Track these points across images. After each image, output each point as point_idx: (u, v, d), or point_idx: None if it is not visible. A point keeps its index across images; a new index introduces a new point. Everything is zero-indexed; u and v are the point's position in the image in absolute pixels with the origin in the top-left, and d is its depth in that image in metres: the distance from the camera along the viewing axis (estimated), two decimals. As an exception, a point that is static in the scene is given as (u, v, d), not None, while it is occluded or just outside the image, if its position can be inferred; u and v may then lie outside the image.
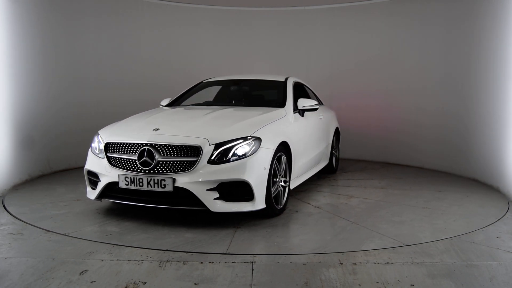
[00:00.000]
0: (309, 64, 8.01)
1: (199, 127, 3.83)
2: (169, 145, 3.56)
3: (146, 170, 3.55)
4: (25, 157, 5.46)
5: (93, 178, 3.96)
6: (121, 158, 3.71)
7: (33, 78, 5.70)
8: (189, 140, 3.55)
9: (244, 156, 3.56)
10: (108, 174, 3.74)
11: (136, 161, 3.60)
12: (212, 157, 3.51)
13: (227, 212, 3.59)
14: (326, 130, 5.89)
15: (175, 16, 7.74)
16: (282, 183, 4.10)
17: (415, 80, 7.04)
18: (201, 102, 5.29)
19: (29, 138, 5.55)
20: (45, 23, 6.00)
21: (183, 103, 5.30)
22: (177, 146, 3.54)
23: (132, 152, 3.65)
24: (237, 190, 3.54)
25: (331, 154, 6.20)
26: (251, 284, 2.56)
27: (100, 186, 3.80)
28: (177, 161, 3.52)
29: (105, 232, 3.53)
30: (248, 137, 3.65)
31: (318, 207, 4.38)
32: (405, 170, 6.73)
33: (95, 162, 3.91)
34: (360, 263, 2.89)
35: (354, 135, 7.57)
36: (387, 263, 2.90)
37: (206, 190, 3.46)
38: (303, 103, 4.77)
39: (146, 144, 3.59)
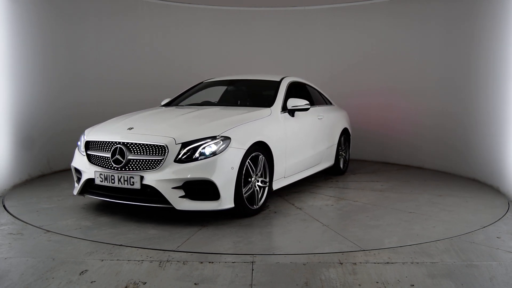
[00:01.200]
0: (309, 64, 8.00)
1: (171, 126, 3.93)
2: (139, 144, 3.69)
3: (118, 167, 3.69)
4: (25, 157, 5.46)
5: (78, 174, 4.12)
6: (97, 155, 3.89)
7: (33, 78, 5.70)
8: (156, 139, 3.66)
9: (211, 155, 3.59)
10: (87, 170, 3.91)
11: (110, 159, 3.75)
12: (179, 156, 3.58)
13: (195, 211, 3.65)
14: (329, 130, 5.75)
15: (175, 16, 7.73)
16: (259, 183, 4.07)
17: (415, 80, 7.03)
18: (200, 102, 5.31)
19: (29, 138, 5.55)
20: (45, 23, 5.99)
21: (182, 103, 5.34)
22: (146, 145, 3.67)
23: (107, 150, 3.81)
24: (203, 189, 3.58)
25: (338, 155, 6.06)
26: (251, 284, 2.56)
27: (81, 182, 3.98)
28: (146, 160, 3.64)
29: (77, 226, 3.66)
30: (217, 137, 3.68)
31: (300, 208, 4.32)
32: (419, 173, 6.47)
33: (79, 159, 4.11)
34: (360, 263, 2.89)
35: (361, 134, 7.49)
36: (387, 263, 2.90)
37: (172, 188, 3.53)
38: (292, 103, 4.71)
39: (119, 143, 3.75)
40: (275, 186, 4.36)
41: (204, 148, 3.60)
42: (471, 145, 5.98)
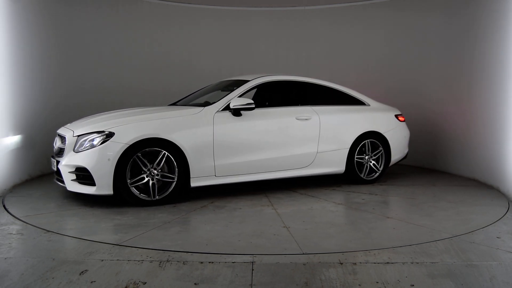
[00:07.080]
0: (309, 64, 7.99)
1: (88, 122, 4.56)
2: (59, 135, 4.59)
3: (55, 154, 4.60)
4: (25, 157, 5.46)
5: None
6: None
7: (33, 78, 5.70)
8: (63, 131, 4.55)
9: (93, 147, 4.17)
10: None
11: (54, 147, 4.70)
12: (76, 146, 4.28)
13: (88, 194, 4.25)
14: (331, 133, 5.26)
15: (175, 16, 7.73)
16: (159, 177, 4.33)
17: (415, 79, 7.04)
18: (203, 102, 5.35)
19: (29, 138, 5.55)
20: (45, 24, 6.00)
21: (180, 103, 5.54)
22: (59, 135, 4.59)
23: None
24: (88, 175, 4.15)
25: (359, 162, 5.48)
26: (251, 284, 2.56)
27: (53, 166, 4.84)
28: (62, 148, 4.45)
29: (15, 201, 4.47)
30: (105, 131, 4.22)
31: (204, 207, 4.30)
32: (445, 189, 5.33)
33: None
34: (360, 263, 2.89)
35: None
36: (387, 263, 2.90)
37: (68, 172, 4.25)
38: (235, 102, 4.68)
39: (58, 134, 4.66)
40: (197, 184, 4.51)
41: (92, 140, 4.20)
42: (471, 145, 5.97)
